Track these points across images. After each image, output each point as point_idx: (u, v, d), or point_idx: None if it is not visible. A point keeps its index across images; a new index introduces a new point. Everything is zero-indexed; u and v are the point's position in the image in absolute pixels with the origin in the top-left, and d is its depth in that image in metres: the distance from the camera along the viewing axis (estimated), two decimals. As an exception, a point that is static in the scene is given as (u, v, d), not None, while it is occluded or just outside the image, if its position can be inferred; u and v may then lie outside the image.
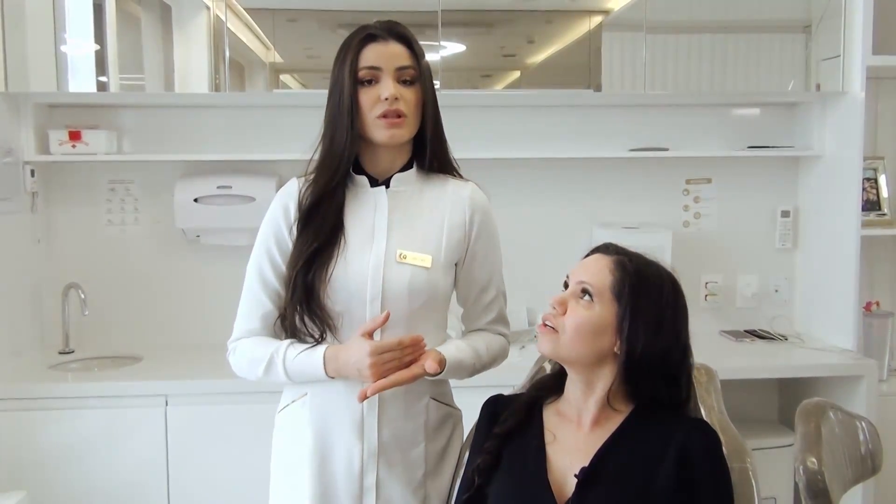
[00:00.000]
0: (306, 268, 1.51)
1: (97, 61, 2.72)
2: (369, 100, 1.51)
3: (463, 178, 1.65)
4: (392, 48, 1.53)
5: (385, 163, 1.59)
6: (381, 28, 1.54)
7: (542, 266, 1.48)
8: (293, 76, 2.85)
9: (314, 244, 1.52)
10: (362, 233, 1.55)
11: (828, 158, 2.89)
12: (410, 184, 1.60)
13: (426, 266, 1.54)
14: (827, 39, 2.78)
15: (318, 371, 1.50)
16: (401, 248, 1.54)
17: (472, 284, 1.64)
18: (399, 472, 1.56)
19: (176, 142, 2.91)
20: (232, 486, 2.43)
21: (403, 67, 1.53)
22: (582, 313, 1.37)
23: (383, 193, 1.58)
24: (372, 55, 1.52)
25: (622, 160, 2.99)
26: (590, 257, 1.45)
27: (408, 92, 1.53)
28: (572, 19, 2.85)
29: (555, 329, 1.38)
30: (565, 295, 1.39)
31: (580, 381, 1.41)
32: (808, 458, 1.43)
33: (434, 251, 1.56)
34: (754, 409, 3.03)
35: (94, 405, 2.44)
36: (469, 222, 1.60)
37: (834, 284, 2.84)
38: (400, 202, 1.58)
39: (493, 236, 1.65)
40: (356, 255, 1.53)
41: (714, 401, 1.47)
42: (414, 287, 1.53)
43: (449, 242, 1.58)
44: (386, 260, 1.53)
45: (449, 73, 2.73)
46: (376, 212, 1.57)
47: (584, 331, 1.37)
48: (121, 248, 2.95)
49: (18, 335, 2.76)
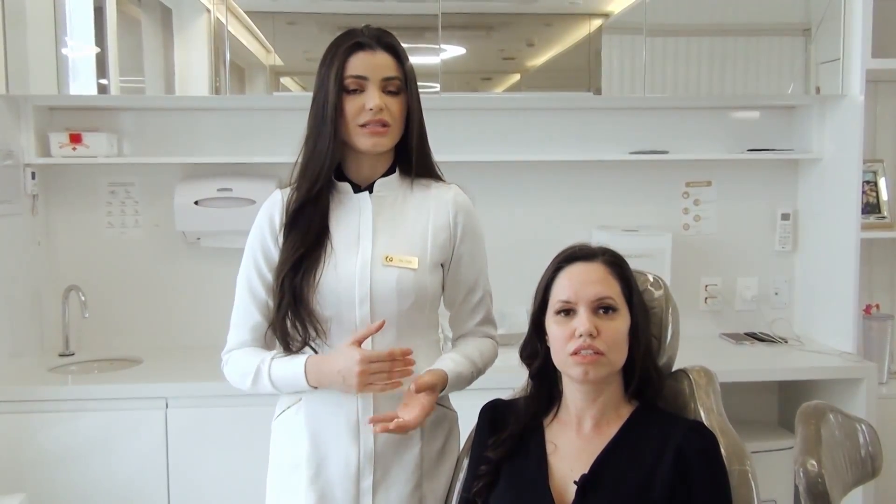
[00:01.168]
0: (293, 272, 1.52)
1: (98, 64, 2.72)
2: (354, 108, 1.52)
3: (445, 182, 1.66)
4: (379, 58, 1.53)
5: (367, 169, 1.60)
6: (369, 36, 1.54)
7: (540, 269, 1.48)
8: (293, 79, 2.85)
9: (300, 249, 1.53)
10: (348, 237, 1.56)
11: (827, 161, 2.89)
12: (393, 188, 1.61)
13: (413, 267, 1.55)
14: (826, 42, 2.79)
15: (300, 381, 1.51)
16: (387, 251, 1.55)
17: (460, 286, 1.65)
18: (396, 475, 1.56)
19: (176, 144, 2.91)
20: (232, 489, 2.43)
21: (389, 78, 1.53)
22: (614, 325, 1.36)
23: (367, 198, 1.59)
24: (359, 64, 1.52)
25: (622, 163, 3.00)
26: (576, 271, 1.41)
27: (393, 102, 1.54)
28: (572, 22, 2.85)
29: (601, 352, 1.34)
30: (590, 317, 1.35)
31: (592, 391, 1.40)
32: (808, 461, 1.43)
33: (420, 252, 1.57)
34: (754, 412, 3.03)
35: (94, 407, 2.44)
36: (453, 224, 1.61)
37: (834, 287, 2.84)
38: (384, 206, 1.59)
39: (477, 237, 1.66)
40: (343, 259, 1.54)
41: (713, 403, 1.47)
42: (402, 288, 1.54)
43: (434, 243, 1.59)
44: (373, 263, 1.54)
45: (449, 75, 2.74)
46: (361, 216, 1.58)
47: (621, 342, 1.37)
48: (121, 250, 2.95)
49: (18, 337, 2.76)
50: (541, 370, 1.46)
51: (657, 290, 1.54)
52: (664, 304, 1.53)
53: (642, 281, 1.53)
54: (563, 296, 1.39)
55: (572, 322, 1.36)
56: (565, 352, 1.36)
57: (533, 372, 1.48)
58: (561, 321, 1.38)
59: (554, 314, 1.40)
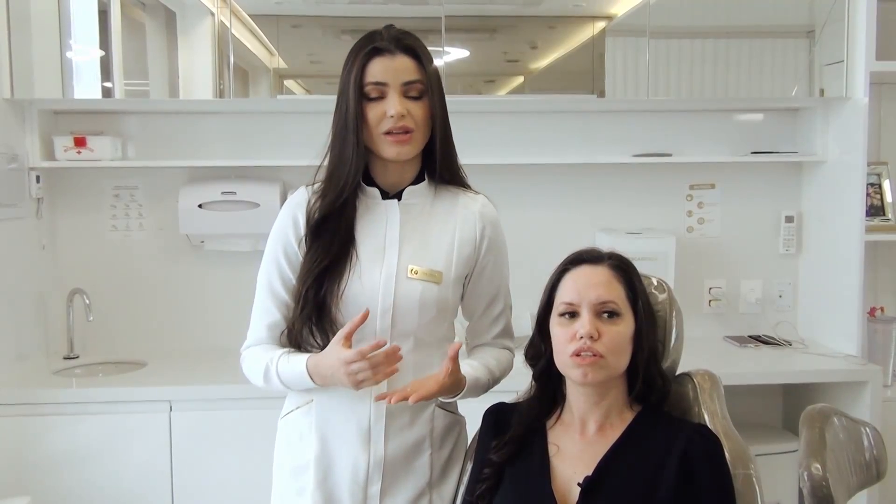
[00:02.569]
0: (318, 285, 1.50)
1: (102, 67, 2.73)
2: (375, 116, 1.48)
3: (473, 191, 1.64)
4: (399, 62, 1.48)
5: (394, 175, 1.57)
6: (388, 39, 1.49)
7: (544, 271, 1.48)
8: (297, 82, 2.86)
9: (324, 262, 1.50)
10: (374, 246, 1.54)
11: (831, 164, 2.89)
12: (422, 196, 1.58)
13: (437, 282, 1.54)
14: (830, 45, 2.78)
15: (306, 380, 1.50)
16: (412, 262, 1.53)
17: (481, 297, 1.63)
18: (404, 482, 1.56)
19: (180, 148, 2.92)
20: (236, 492, 2.44)
21: (411, 82, 1.49)
22: (616, 330, 1.36)
23: (395, 207, 1.56)
24: (378, 70, 1.47)
25: (626, 166, 2.99)
26: (581, 274, 1.41)
27: (415, 107, 1.49)
28: (576, 25, 2.85)
29: (600, 355, 1.34)
30: (592, 320, 1.35)
31: (595, 394, 1.39)
32: (812, 465, 1.43)
33: (445, 266, 1.55)
34: (758, 415, 3.02)
35: (99, 410, 2.44)
36: (480, 237, 1.59)
37: (838, 290, 2.83)
38: (411, 216, 1.56)
39: (501, 250, 1.64)
40: (368, 269, 1.52)
41: (717, 407, 1.46)
42: (425, 302, 1.52)
43: (459, 258, 1.57)
44: (398, 274, 1.52)
45: (453, 78, 2.74)
46: (388, 225, 1.55)
47: (623, 347, 1.37)
48: (125, 253, 2.96)
49: (23, 340, 2.76)
50: (544, 372, 1.46)
51: (661, 294, 1.54)
52: (668, 307, 1.53)
53: (646, 284, 1.53)
54: (566, 298, 1.39)
55: (574, 324, 1.36)
56: (566, 353, 1.36)
57: (536, 373, 1.48)
58: (564, 323, 1.38)
59: (557, 316, 1.40)
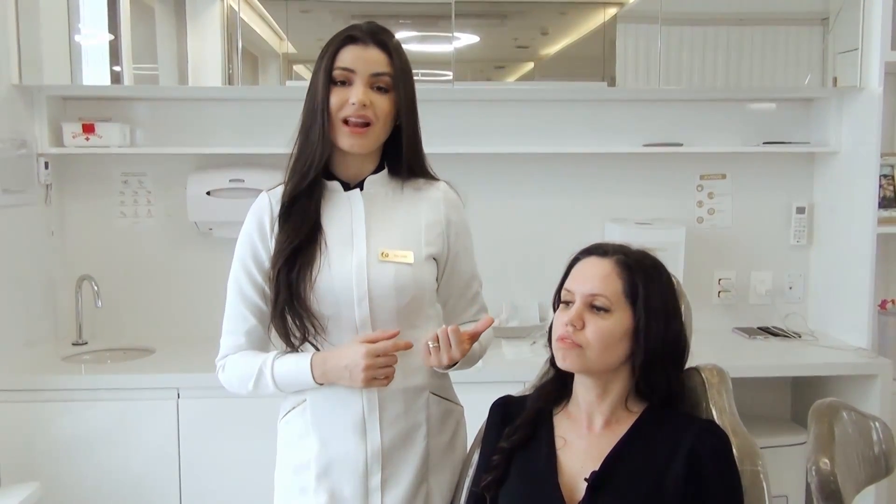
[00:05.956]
0: (288, 267, 1.51)
1: (111, 52, 2.72)
2: (338, 101, 1.50)
3: (435, 178, 1.64)
4: (370, 53, 1.51)
5: (355, 167, 1.58)
6: (363, 30, 1.52)
7: (553, 261, 1.47)
8: (306, 66, 2.84)
9: (294, 240, 1.52)
10: (341, 236, 1.55)
11: (844, 154, 2.86)
12: (384, 186, 1.59)
13: (409, 262, 1.54)
14: (844, 33, 2.75)
15: (306, 377, 1.51)
16: (381, 247, 1.54)
17: (458, 280, 1.65)
18: (404, 470, 1.56)
19: (189, 135, 2.92)
20: (243, 478, 2.44)
21: (378, 74, 1.51)
22: (603, 324, 1.36)
23: (358, 196, 1.57)
24: (349, 57, 1.50)
25: (636, 155, 2.97)
26: (587, 264, 1.42)
27: (381, 100, 1.51)
28: (587, 11, 2.83)
29: (578, 344, 1.35)
30: (579, 310, 1.37)
31: (595, 387, 1.40)
32: (820, 459, 1.42)
33: (414, 246, 1.56)
34: (767, 407, 3.01)
35: (107, 397, 2.45)
36: (445, 221, 1.60)
37: (849, 282, 2.81)
38: (375, 203, 1.57)
39: (468, 231, 1.66)
40: (337, 258, 1.53)
41: (726, 402, 1.45)
42: (400, 284, 1.53)
43: (428, 237, 1.58)
44: (368, 260, 1.53)
45: (462, 64, 2.72)
46: (353, 214, 1.56)
47: (609, 341, 1.36)
48: (134, 240, 2.96)
49: (32, 327, 2.77)
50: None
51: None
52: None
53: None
54: (567, 285, 1.42)
55: (569, 311, 1.39)
56: (554, 337, 1.40)
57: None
58: (562, 309, 1.42)
59: (560, 302, 1.43)
